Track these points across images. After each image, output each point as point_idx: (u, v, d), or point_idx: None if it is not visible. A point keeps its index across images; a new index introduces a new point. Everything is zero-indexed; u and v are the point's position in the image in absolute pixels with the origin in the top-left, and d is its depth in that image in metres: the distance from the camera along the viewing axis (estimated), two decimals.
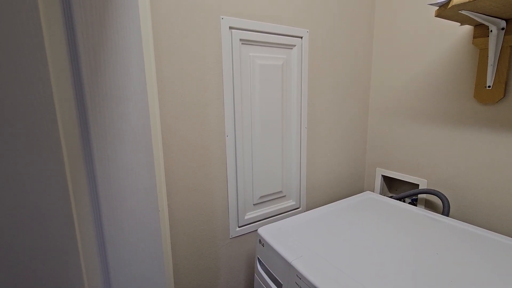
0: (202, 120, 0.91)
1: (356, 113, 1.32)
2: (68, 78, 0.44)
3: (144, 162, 0.52)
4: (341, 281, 0.65)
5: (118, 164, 0.49)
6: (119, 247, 0.52)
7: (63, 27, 0.43)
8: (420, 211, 1.01)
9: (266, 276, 0.86)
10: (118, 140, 0.49)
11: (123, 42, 0.47)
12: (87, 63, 0.45)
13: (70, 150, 0.46)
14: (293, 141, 1.13)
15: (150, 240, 0.55)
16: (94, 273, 0.51)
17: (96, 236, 0.50)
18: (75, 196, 0.47)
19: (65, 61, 0.44)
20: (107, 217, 0.50)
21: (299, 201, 1.20)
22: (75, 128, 0.45)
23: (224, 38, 0.90)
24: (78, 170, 0.47)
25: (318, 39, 1.13)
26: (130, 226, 0.52)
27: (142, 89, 0.50)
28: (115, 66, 0.47)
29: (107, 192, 0.49)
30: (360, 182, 1.42)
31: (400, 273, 0.68)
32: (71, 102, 0.45)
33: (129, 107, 0.49)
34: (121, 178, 0.50)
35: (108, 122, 0.48)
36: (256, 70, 0.99)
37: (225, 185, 0.99)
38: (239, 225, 1.05)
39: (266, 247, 0.85)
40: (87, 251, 0.50)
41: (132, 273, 0.54)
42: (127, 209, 0.51)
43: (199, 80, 0.88)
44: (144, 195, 0.52)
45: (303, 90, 1.12)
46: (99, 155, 0.47)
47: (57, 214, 0.46)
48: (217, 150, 0.95)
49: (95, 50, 0.45)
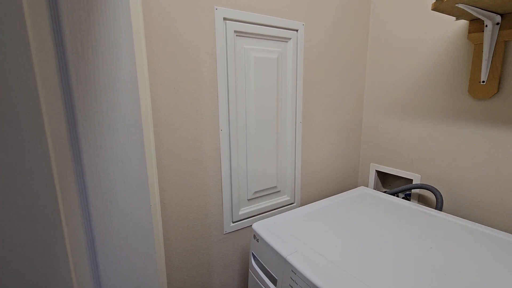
0: (196, 113, 0.89)
1: (351, 108, 1.32)
2: (53, 65, 0.42)
3: (134, 154, 0.50)
4: (337, 276, 0.64)
5: (107, 155, 0.47)
6: (109, 243, 0.50)
7: (47, 10, 0.41)
8: (413, 206, 1.02)
9: (261, 271, 0.85)
10: (107, 131, 0.47)
11: (112, 28, 0.45)
12: (74, 49, 0.42)
13: (56, 142, 0.43)
14: (288, 135, 1.12)
15: (142, 236, 0.53)
16: (83, 271, 0.49)
17: (84, 232, 0.48)
18: (62, 190, 0.45)
19: (50, 47, 0.41)
20: (96, 211, 0.48)
21: (294, 196, 1.20)
22: (61, 118, 0.43)
23: (218, 29, 0.88)
24: (65, 162, 0.45)
25: (314, 32, 1.11)
26: (120, 221, 0.50)
27: (132, 79, 0.48)
28: (103, 53, 0.45)
29: (95, 184, 0.47)
30: (354, 177, 1.42)
31: (395, 266, 0.67)
32: (56, 91, 0.42)
33: (118, 97, 0.47)
34: (111, 170, 0.48)
35: (96, 112, 0.45)
36: (251, 63, 0.97)
37: (219, 180, 0.97)
38: (233, 220, 1.03)
39: (261, 242, 0.84)
40: (76, 248, 0.48)
41: (123, 270, 0.52)
42: (117, 203, 0.49)
43: (192, 72, 0.86)
44: (135, 189, 0.50)
45: (298, 84, 1.10)
46: (87, 146, 0.45)
47: (43, 209, 0.44)
48: (211, 144, 0.93)
49: (82, 35, 0.42)
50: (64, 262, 0.47)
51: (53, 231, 0.45)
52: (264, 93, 1.02)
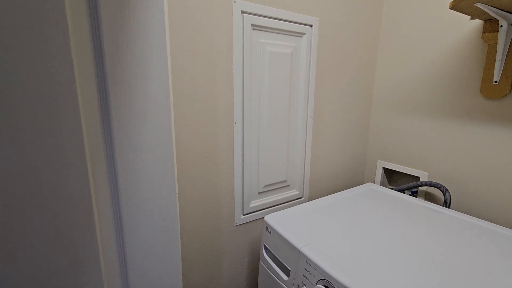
0: (211, 106, 0.89)
1: (360, 105, 1.33)
2: (90, 51, 0.42)
3: (163, 143, 0.51)
4: (350, 267, 0.66)
5: (137, 143, 0.48)
6: (136, 228, 0.51)
7: (86, 2, 0.41)
8: (421, 203, 1.03)
9: (273, 262, 0.87)
10: (138, 119, 0.47)
11: (145, 14, 0.46)
12: (109, 35, 0.43)
13: (89, 128, 0.44)
14: (299, 130, 1.13)
15: (167, 222, 0.54)
16: (110, 255, 0.51)
17: (113, 217, 0.49)
18: (94, 176, 0.46)
19: (87, 34, 0.42)
20: (125, 198, 0.49)
21: (302, 191, 1.21)
22: (95, 103, 0.44)
23: (236, 22, 0.88)
24: (97, 149, 0.46)
25: (327, 28, 1.12)
26: (148, 207, 0.51)
27: (163, 68, 0.49)
28: (136, 40, 0.45)
29: (126, 170, 0.48)
30: (361, 174, 1.44)
31: (406, 261, 0.69)
32: (91, 76, 0.43)
33: (150, 86, 0.48)
34: (140, 158, 0.49)
35: (129, 100, 0.46)
36: (266, 57, 0.97)
37: (231, 172, 0.98)
38: (243, 213, 1.05)
39: (274, 234, 0.86)
40: (105, 231, 0.49)
41: (148, 254, 0.54)
42: (145, 191, 0.50)
43: (209, 65, 0.86)
44: (163, 176, 0.51)
45: (311, 80, 1.11)
46: (119, 133, 0.46)
47: (75, 191, 0.45)
48: (224, 137, 0.94)
49: (117, 24, 0.43)
50: (94, 249, 0.48)
51: (84, 212, 0.46)
52: (277, 88, 1.02)
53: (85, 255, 0.48)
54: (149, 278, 0.55)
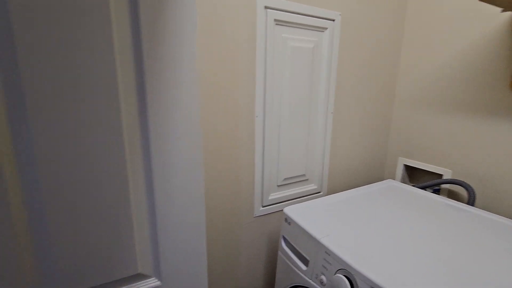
0: (234, 99, 0.92)
1: (381, 100, 1.31)
2: (129, 41, 0.46)
3: (192, 131, 0.54)
4: (370, 259, 0.67)
5: (169, 131, 0.51)
6: (167, 212, 0.55)
7: None
8: (444, 200, 1.02)
9: (292, 253, 0.89)
10: (171, 107, 0.50)
11: (179, 10, 0.48)
12: (147, 26, 0.46)
13: (127, 116, 0.48)
14: (318, 125, 1.14)
15: (194, 207, 0.57)
16: (143, 234, 0.54)
17: (147, 201, 0.53)
18: (131, 157, 0.49)
19: (127, 25, 0.45)
20: (158, 183, 0.52)
21: (321, 186, 1.22)
22: (132, 91, 0.47)
23: (259, 17, 0.90)
24: (134, 134, 0.49)
25: (350, 22, 1.11)
26: (178, 192, 0.55)
27: (192, 59, 0.51)
28: (170, 32, 0.48)
29: (159, 156, 0.51)
30: (380, 170, 1.42)
31: (427, 256, 0.69)
32: (130, 64, 0.46)
33: (181, 76, 0.51)
34: (172, 145, 0.52)
35: (163, 88, 0.49)
36: (288, 52, 0.98)
37: (252, 165, 1.01)
38: (263, 204, 1.07)
39: (293, 225, 0.87)
40: (139, 215, 0.53)
41: (177, 238, 0.57)
42: (176, 175, 0.54)
43: (232, 59, 0.89)
44: (191, 163, 0.55)
45: (332, 74, 1.11)
46: (153, 120, 0.49)
47: (113, 174, 0.48)
48: (246, 130, 0.97)
49: (155, 13, 0.46)
50: (129, 226, 0.52)
51: (121, 192, 0.50)
52: (298, 82, 1.04)
53: (123, 234, 0.52)
54: (177, 260, 0.58)
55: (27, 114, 0.41)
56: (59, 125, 0.43)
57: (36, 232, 0.45)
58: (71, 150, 0.45)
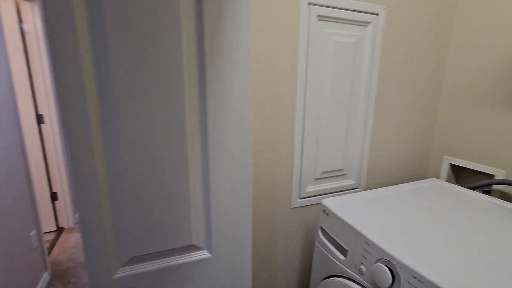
0: (276, 92, 0.96)
1: (427, 95, 1.26)
2: (193, 29, 0.52)
3: (244, 118, 0.59)
4: (412, 250, 0.66)
5: (225, 115, 0.57)
6: (220, 192, 0.60)
7: None
8: (495, 201, 0.96)
9: (329, 243, 0.90)
10: (226, 96, 0.56)
11: (236, 10, 0.53)
12: (210, 14, 0.51)
13: (190, 99, 0.54)
14: (358, 120, 1.13)
15: (243, 190, 0.62)
16: (199, 213, 0.61)
17: (203, 181, 0.59)
18: (192, 146, 0.56)
19: (192, 14, 0.51)
20: (213, 166, 0.58)
21: (359, 181, 1.21)
22: (195, 74, 0.53)
23: (303, 13, 0.93)
24: (194, 123, 0.55)
25: (395, 16, 1.09)
26: (230, 175, 0.60)
27: (247, 52, 0.56)
28: (230, 20, 0.53)
29: (214, 142, 0.57)
30: (423, 168, 1.37)
31: (473, 252, 0.67)
32: (193, 49, 0.52)
33: (235, 68, 0.56)
34: (226, 130, 0.57)
35: (220, 79, 0.55)
36: (330, 46, 1.00)
37: (291, 157, 1.04)
38: (300, 196, 1.10)
39: (331, 216, 0.89)
40: (196, 194, 0.59)
41: (227, 217, 0.63)
42: (229, 159, 0.59)
43: (275, 53, 0.93)
44: (241, 148, 0.60)
45: (374, 69, 1.10)
46: (212, 102, 0.55)
47: (176, 157, 0.55)
48: (286, 123, 1.00)
49: (215, 10, 0.52)
50: (187, 203, 0.58)
51: (182, 177, 0.56)
52: (339, 77, 1.04)
53: (181, 210, 0.58)
54: (226, 237, 0.64)
55: (114, 101, 0.49)
56: (137, 115, 0.51)
57: (114, 201, 0.54)
58: (147, 140, 0.52)
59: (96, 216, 0.52)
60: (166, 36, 0.49)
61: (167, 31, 0.49)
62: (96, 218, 0.52)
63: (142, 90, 0.50)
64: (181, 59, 0.51)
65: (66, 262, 1.96)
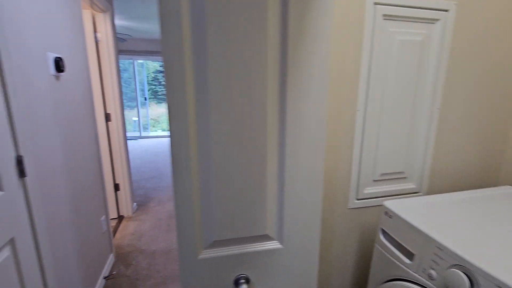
0: (337, 91, 0.97)
1: (499, 96, 1.16)
2: (278, 20, 0.56)
3: (320, 116, 0.61)
4: (490, 257, 0.63)
5: (305, 110, 0.60)
6: (293, 187, 0.64)
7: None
8: None
9: (392, 246, 0.89)
10: (306, 92, 0.59)
11: (317, 11, 0.56)
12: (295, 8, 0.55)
13: (271, 89, 0.58)
14: (422, 121, 1.09)
15: (314, 185, 0.65)
16: (272, 206, 0.65)
17: (277, 180, 0.63)
18: (271, 148, 0.60)
19: (278, 21, 0.55)
20: (289, 161, 0.62)
21: (420, 185, 1.16)
22: (276, 64, 0.57)
23: (368, 13, 0.92)
24: (274, 113, 0.60)
25: (467, 12, 1.03)
26: (303, 169, 0.63)
27: (326, 48, 0.59)
28: (316, 11, 0.56)
29: (291, 141, 0.61)
30: (494, 175, 1.26)
31: None
32: (277, 39, 0.56)
33: (315, 67, 0.59)
34: (302, 128, 0.61)
35: (301, 78, 0.58)
36: (394, 45, 0.98)
37: (350, 157, 1.04)
38: (357, 197, 1.09)
39: (395, 219, 0.87)
40: (271, 187, 0.63)
41: (298, 211, 0.66)
42: (303, 155, 0.62)
43: (339, 53, 0.94)
44: (314, 147, 0.62)
45: (441, 68, 1.05)
46: (291, 89, 0.59)
47: (258, 153, 0.60)
48: (346, 123, 1.00)
49: (300, 13, 0.55)
50: (263, 196, 0.63)
51: (261, 170, 0.61)
52: (403, 76, 1.02)
53: (258, 202, 0.63)
54: (297, 229, 0.67)
55: (209, 106, 0.55)
56: (227, 118, 0.56)
57: (203, 191, 0.60)
58: (233, 138, 0.58)
59: (188, 204, 0.59)
60: (253, 46, 0.54)
61: (254, 43, 0.54)
62: (188, 205, 0.59)
63: (231, 95, 0.56)
64: (265, 61, 0.56)
65: (127, 247, 2.17)
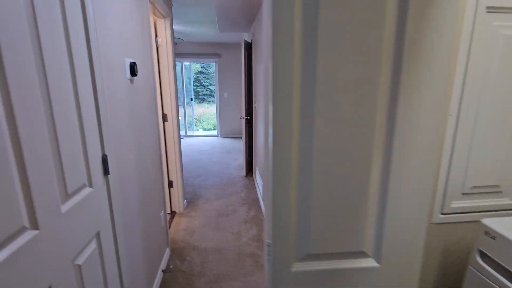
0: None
1: None
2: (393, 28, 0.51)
3: (434, 119, 0.55)
4: None
5: (416, 122, 0.54)
6: (396, 204, 0.58)
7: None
8: None
9: (493, 270, 0.78)
10: (417, 93, 0.53)
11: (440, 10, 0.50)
12: None
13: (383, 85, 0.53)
14: None
15: (418, 202, 0.59)
16: (371, 222, 0.60)
17: (379, 194, 0.58)
18: (376, 158, 0.55)
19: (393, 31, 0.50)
20: (394, 173, 0.56)
21: None
22: (390, 60, 0.53)
23: (469, 6, 0.82)
24: (382, 126, 0.54)
25: None
26: (409, 184, 0.57)
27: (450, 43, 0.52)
28: None
29: (397, 158, 0.55)
30: None
31: None
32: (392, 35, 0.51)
33: (432, 73, 0.52)
34: (415, 135, 0.55)
35: (413, 84, 0.52)
36: (498, 41, 0.86)
37: (437, 166, 0.94)
38: (442, 211, 0.98)
39: (501, 240, 0.76)
40: (372, 203, 0.58)
41: (400, 230, 0.60)
42: (409, 170, 0.56)
43: None
44: (423, 164, 0.56)
45: None
46: (403, 100, 0.53)
47: (359, 163, 0.55)
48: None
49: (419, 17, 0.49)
50: (364, 212, 0.58)
51: (362, 189, 0.56)
52: (507, 76, 0.89)
53: (354, 218, 0.59)
54: (396, 249, 0.61)
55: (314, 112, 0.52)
56: (331, 126, 0.53)
57: (300, 202, 0.57)
58: (335, 149, 0.54)
59: (285, 212, 0.56)
60: (367, 48, 0.50)
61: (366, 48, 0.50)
62: (285, 214, 0.56)
63: (337, 103, 0.52)
64: (379, 68, 0.51)
65: (181, 242, 2.26)
